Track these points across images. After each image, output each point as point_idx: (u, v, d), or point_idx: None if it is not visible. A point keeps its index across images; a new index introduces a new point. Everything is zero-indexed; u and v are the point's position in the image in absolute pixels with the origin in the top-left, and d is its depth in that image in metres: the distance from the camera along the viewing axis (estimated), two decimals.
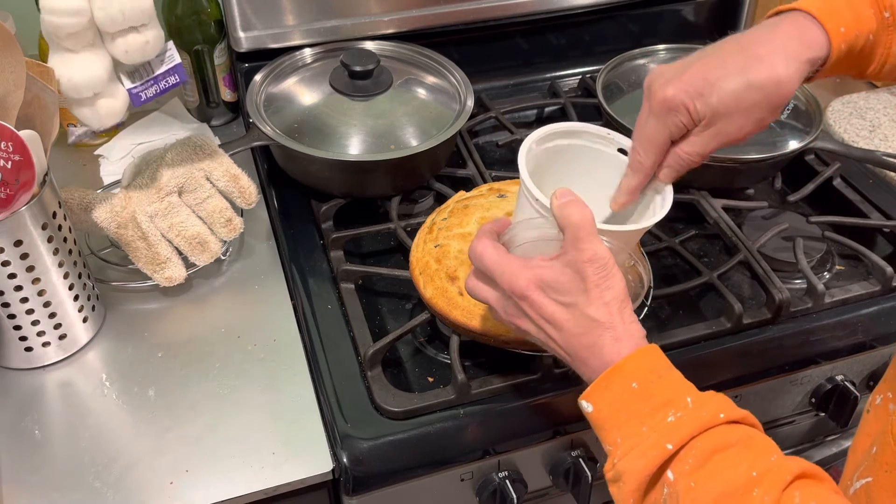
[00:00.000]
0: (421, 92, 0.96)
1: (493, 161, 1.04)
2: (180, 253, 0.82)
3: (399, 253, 0.90)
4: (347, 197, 0.91)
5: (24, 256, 0.70)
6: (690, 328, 0.79)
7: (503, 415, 0.72)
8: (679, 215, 0.96)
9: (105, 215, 0.79)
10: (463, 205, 0.82)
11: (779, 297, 0.80)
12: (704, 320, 0.81)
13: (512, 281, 0.57)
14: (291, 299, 0.85)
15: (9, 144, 0.65)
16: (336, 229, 0.88)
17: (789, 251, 0.88)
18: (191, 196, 0.82)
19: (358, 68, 0.91)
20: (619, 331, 0.55)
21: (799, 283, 0.87)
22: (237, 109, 1.11)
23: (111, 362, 0.78)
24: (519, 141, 1.02)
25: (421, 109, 0.93)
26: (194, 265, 0.84)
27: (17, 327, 0.74)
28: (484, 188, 0.86)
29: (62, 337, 0.77)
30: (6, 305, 0.72)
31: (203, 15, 1.00)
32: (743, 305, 0.79)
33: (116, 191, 0.81)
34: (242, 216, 0.86)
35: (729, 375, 0.80)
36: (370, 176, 0.89)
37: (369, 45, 1.00)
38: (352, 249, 0.90)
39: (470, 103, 0.93)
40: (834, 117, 1.13)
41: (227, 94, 1.07)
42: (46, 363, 0.77)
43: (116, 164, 1.00)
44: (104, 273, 0.86)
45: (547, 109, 1.13)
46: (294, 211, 0.92)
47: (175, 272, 0.81)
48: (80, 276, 0.77)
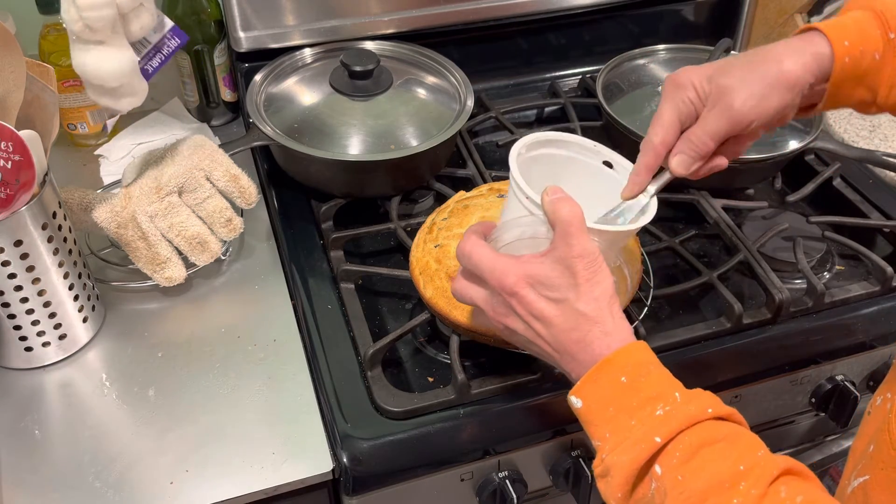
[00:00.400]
0: (421, 92, 0.96)
1: (493, 161, 1.04)
2: (180, 253, 0.82)
3: (399, 253, 0.90)
4: (347, 197, 0.91)
5: (24, 256, 0.70)
6: (690, 328, 0.79)
7: (503, 415, 0.72)
8: (679, 215, 0.96)
9: (105, 215, 0.79)
10: (463, 205, 0.82)
11: (779, 297, 0.80)
12: (704, 320, 0.81)
13: (502, 278, 0.57)
14: (291, 299, 0.85)
15: (9, 144, 0.65)
16: (336, 229, 0.88)
17: (789, 251, 0.88)
18: (191, 196, 0.82)
19: (358, 68, 0.91)
20: (609, 325, 0.56)
21: (799, 283, 0.87)
22: (237, 109, 1.11)
23: (111, 362, 0.78)
24: None
25: (421, 109, 0.93)
26: (194, 265, 0.84)
27: (17, 327, 0.74)
28: (484, 188, 0.86)
29: (62, 337, 0.77)
30: (6, 305, 0.72)
31: (203, 15, 1.00)
32: (743, 305, 0.79)
33: (116, 191, 0.81)
34: (242, 216, 0.86)
35: (729, 375, 0.80)
36: (370, 176, 0.89)
37: (369, 45, 1.00)
38: (352, 249, 0.90)
39: (470, 103, 0.93)
40: (834, 117, 1.13)
41: (227, 94, 1.07)
42: (46, 363, 0.77)
43: (116, 164, 1.00)
44: (104, 273, 0.86)
45: (547, 109, 1.13)
46: (294, 211, 0.92)
47: (175, 272, 0.81)
48: (80, 276, 0.77)
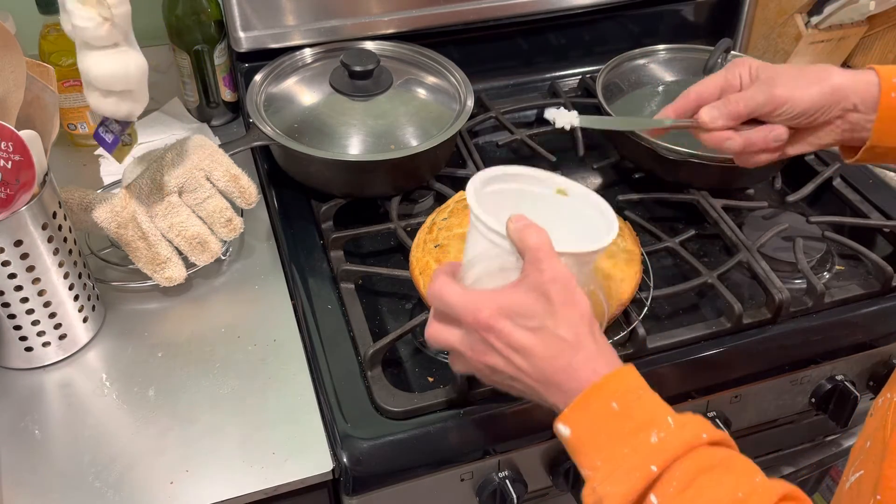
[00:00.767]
0: (421, 92, 0.96)
1: (493, 161, 1.03)
2: (180, 253, 0.82)
3: (399, 253, 0.90)
4: (347, 197, 0.91)
5: (25, 256, 0.70)
6: (690, 328, 0.79)
7: (503, 415, 0.72)
8: (679, 215, 0.96)
9: (105, 215, 0.79)
10: (463, 205, 0.82)
11: (779, 297, 0.80)
12: (704, 320, 0.81)
13: (476, 313, 0.55)
14: (291, 299, 0.85)
15: (9, 144, 0.65)
16: (336, 229, 0.88)
17: (789, 251, 0.88)
18: (191, 196, 0.82)
19: (358, 68, 0.91)
20: (592, 350, 0.54)
21: (799, 283, 0.87)
22: (237, 109, 1.11)
23: (111, 362, 0.78)
24: (519, 141, 1.03)
25: (421, 109, 0.93)
26: (194, 265, 0.84)
27: (17, 327, 0.74)
28: None
29: (62, 337, 0.77)
30: (6, 305, 0.72)
31: (203, 15, 1.00)
32: (743, 305, 0.79)
33: (116, 191, 0.81)
34: (242, 216, 0.86)
35: (729, 375, 0.80)
36: (370, 176, 0.89)
37: (369, 45, 1.00)
38: (352, 249, 0.90)
39: (470, 103, 0.93)
40: None
41: (227, 94, 1.07)
42: (46, 363, 0.77)
43: (116, 164, 0.99)
44: (104, 273, 0.86)
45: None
46: (294, 211, 0.92)
47: (175, 272, 0.81)
48: (80, 276, 0.77)
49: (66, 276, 0.74)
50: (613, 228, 0.61)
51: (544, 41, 1.15)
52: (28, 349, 0.76)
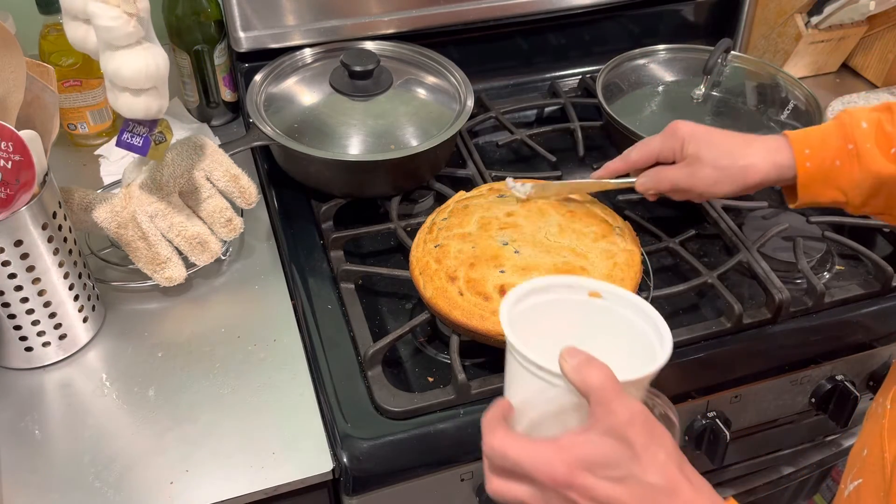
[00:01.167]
0: (421, 92, 0.96)
1: (493, 161, 1.04)
2: (180, 253, 0.82)
3: (399, 253, 0.90)
4: (347, 197, 0.91)
5: (25, 256, 0.70)
6: (690, 328, 0.79)
7: None
8: (679, 215, 0.96)
9: (105, 215, 0.79)
10: (463, 205, 0.82)
11: (779, 297, 0.80)
12: (704, 320, 0.81)
13: (551, 471, 0.49)
14: (291, 299, 0.85)
15: (9, 144, 0.65)
16: (336, 229, 0.88)
17: (789, 251, 0.88)
18: (191, 196, 0.82)
19: (358, 68, 0.91)
20: (688, 493, 0.48)
21: (799, 283, 0.87)
22: (237, 109, 1.11)
23: (111, 362, 0.78)
24: (519, 141, 1.03)
25: (421, 109, 0.93)
26: (194, 265, 0.84)
27: (18, 327, 0.74)
28: (484, 188, 0.86)
29: (62, 337, 0.77)
30: (6, 305, 0.72)
31: (203, 15, 1.00)
32: (743, 305, 0.79)
33: (116, 191, 0.81)
34: (242, 216, 0.86)
35: (729, 375, 0.80)
36: (370, 176, 0.89)
37: (369, 45, 1.00)
38: (352, 249, 0.90)
39: (470, 103, 0.93)
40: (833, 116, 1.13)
41: (227, 94, 1.07)
42: (46, 363, 0.77)
43: (116, 164, 1.00)
44: (104, 273, 0.86)
45: (547, 109, 1.13)
46: (294, 211, 0.92)
47: (175, 272, 0.81)
48: (80, 276, 0.77)
49: (66, 276, 0.74)
50: (665, 338, 0.55)
51: (544, 41, 1.15)
52: (28, 349, 0.76)
